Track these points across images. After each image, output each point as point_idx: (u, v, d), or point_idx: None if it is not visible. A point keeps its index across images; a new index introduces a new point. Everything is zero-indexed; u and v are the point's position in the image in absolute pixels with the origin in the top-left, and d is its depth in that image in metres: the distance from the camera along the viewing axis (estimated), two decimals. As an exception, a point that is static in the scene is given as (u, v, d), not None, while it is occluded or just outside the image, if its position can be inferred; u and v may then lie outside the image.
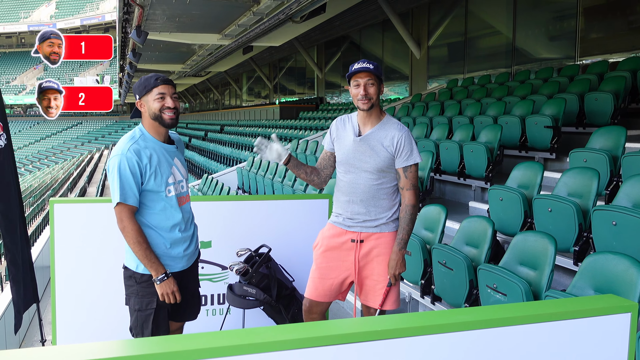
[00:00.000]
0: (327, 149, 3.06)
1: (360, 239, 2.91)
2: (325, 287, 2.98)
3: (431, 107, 9.45)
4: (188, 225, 2.84)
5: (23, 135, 57.32)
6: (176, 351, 1.42)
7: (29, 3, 63.23)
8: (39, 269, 7.40)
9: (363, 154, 2.86)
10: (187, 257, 2.83)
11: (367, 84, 2.81)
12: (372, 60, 2.85)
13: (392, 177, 2.89)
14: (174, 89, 2.72)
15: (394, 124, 2.90)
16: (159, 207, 2.71)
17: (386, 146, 2.84)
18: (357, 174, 2.88)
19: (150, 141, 2.70)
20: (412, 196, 2.87)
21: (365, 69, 2.79)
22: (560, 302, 1.89)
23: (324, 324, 1.79)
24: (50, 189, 25.23)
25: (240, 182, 10.68)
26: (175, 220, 2.75)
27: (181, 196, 2.80)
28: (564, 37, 9.56)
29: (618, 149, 4.65)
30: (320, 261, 3.00)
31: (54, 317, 3.66)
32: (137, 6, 10.82)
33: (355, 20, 16.02)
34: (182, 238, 2.78)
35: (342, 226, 2.95)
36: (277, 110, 21.69)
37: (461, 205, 6.26)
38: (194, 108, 44.93)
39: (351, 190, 2.90)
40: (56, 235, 3.62)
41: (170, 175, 2.73)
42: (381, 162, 2.84)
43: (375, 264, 2.90)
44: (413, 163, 2.86)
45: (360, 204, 2.89)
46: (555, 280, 3.83)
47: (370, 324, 1.72)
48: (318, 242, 3.06)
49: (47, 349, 1.48)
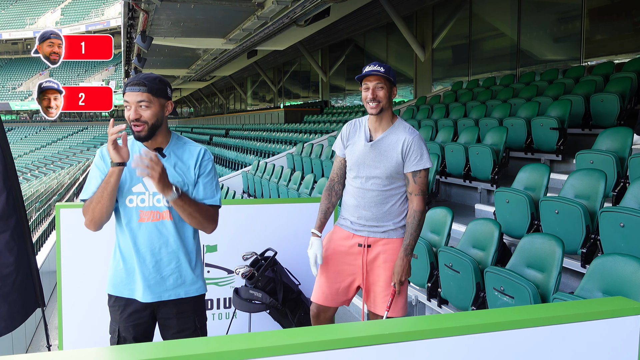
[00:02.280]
0: (340, 154, 3.01)
1: (368, 244, 2.87)
2: (333, 290, 2.94)
3: (436, 110, 9.44)
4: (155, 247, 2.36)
5: (29, 140, 57.56)
6: (183, 355, 1.42)
7: (34, 10, 63.61)
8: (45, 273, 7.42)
9: (374, 160, 2.82)
10: (154, 289, 2.36)
11: (376, 88, 2.76)
12: (383, 63, 2.80)
13: (402, 183, 2.85)
14: (142, 95, 2.25)
15: (405, 127, 2.85)
16: (124, 221, 2.38)
17: (398, 151, 2.79)
18: (367, 179, 2.84)
19: (137, 143, 2.39)
20: (420, 202, 2.82)
21: (374, 72, 2.74)
22: (568, 305, 1.88)
23: (330, 327, 1.79)
24: (56, 194, 25.31)
25: (246, 186, 10.69)
26: (130, 236, 2.35)
27: (151, 210, 2.36)
28: (569, 38, 9.53)
29: (625, 150, 4.63)
30: (328, 265, 2.96)
31: (60, 322, 3.66)
32: (142, 11, 10.87)
33: (360, 24, 16.03)
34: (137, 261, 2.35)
35: (349, 229, 2.92)
36: (281, 114, 21.73)
37: (467, 208, 6.24)
38: (199, 112, 45.05)
39: (360, 195, 2.86)
40: (62, 240, 3.62)
41: (139, 184, 2.35)
42: (391, 168, 2.80)
43: (382, 270, 2.86)
44: (423, 168, 2.81)
45: (369, 209, 2.85)
46: (563, 283, 3.81)
47: (377, 328, 1.71)
48: (324, 245, 3.01)
49: (53, 354, 1.48)
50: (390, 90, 2.79)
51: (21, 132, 59.46)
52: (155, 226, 2.37)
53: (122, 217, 2.39)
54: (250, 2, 10.45)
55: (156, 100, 2.30)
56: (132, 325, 2.42)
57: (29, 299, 3.56)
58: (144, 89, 2.26)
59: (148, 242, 2.37)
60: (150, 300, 2.38)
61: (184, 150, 2.44)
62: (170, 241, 2.39)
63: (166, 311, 2.43)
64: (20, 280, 3.47)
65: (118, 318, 2.43)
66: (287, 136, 16.28)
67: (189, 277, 2.43)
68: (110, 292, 2.45)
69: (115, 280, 2.43)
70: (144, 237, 2.37)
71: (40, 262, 7.13)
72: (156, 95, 2.30)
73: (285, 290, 3.70)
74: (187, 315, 2.45)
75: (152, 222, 2.37)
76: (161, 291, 2.39)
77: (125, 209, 2.36)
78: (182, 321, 2.44)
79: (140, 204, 2.36)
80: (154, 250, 2.37)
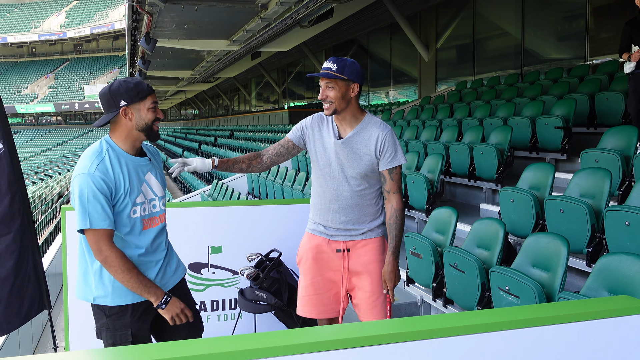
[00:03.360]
0: (292, 138, 2.78)
1: (347, 248, 2.73)
2: (324, 301, 2.80)
3: (440, 110, 9.43)
4: (157, 249, 2.50)
5: (35, 143, 57.86)
6: (188, 356, 1.42)
7: (39, 13, 63.92)
8: (51, 275, 7.45)
9: (345, 159, 2.65)
10: (160, 284, 2.48)
11: (326, 88, 2.58)
12: (343, 58, 2.60)
13: (376, 181, 2.71)
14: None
15: (376, 123, 2.68)
16: (125, 231, 2.38)
17: (370, 148, 2.63)
18: (339, 179, 2.67)
19: (121, 154, 2.38)
20: (399, 199, 2.67)
21: (321, 74, 2.56)
22: (574, 304, 1.87)
23: (335, 327, 1.79)
24: (62, 197, 25.42)
25: (250, 187, 10.70)
26: (137, 244, 2.42)
27: (151, 217, 2.47)
28: (574, 37, 9.51)
29: (630, 148, 4.61)
30: (310, 275, 2.80)
31: (66, 323, 3.68)
32: (146, 14, 10.88)
33: (363, 24, 16.02)
34: (145, 265, 2.43)
35: (324, 235, 2.76)
36: (286, 115, 21.75)
37: (472, 208, 6.22)
38: (204, 114, 45.11)
39: (332, 198, 2.70)
40: (68, 242, 3.64)
41: (140, 194, 2.41)
42: (365, 167, 2.65)
43: (366, 274, 2.73)
44: (398, 164, 2.66)
45: (343, 211, 2.70)
46: (569, 282, 3.80)
47: (382, 328, 1.71)
48: (302, 256, 2.85)
49: (59, 355, 1.48)
50: (346, 88, 2.57)
51: (27, 135, 59.79)
52: (154, 230, 2.50)
53: (122, 228, 2.39)
54: (253, 4, 10.45)
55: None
56: (145, 322, 2.48)
57: (29, 303, 3.54)
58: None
59: (153, 245, 2.47)
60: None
61: (149, 151, 2.57)
62: (163, 238, 2.56)
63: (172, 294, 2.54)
64: (20, 284, 3.44)
65: (129, 322, 2.44)
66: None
67: (175, 261, 2.64)
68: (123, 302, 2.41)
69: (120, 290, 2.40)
70: (149, 241, 2.46)
71: (46, 265, 7.17)
72: None
73: (290, 291, 3.70)
74: (184, 299, 2.57)
75: (152, 227, 2.49)
76: (164, 282, 2.52)
77: (130, 220, 2.40)
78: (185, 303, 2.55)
79: (143, 212, 2.44)
80: (156, 250, 2.50)
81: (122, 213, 2.36)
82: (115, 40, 61.46)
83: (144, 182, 2.43)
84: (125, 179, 2.35)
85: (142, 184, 2.42)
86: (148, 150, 2.56)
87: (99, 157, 2.33)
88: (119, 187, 2.33)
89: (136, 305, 2.43)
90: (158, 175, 2.53)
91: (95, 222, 2.26)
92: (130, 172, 2.38)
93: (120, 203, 2.34)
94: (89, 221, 2.26)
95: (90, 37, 60.96)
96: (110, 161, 2.33)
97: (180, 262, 2.68)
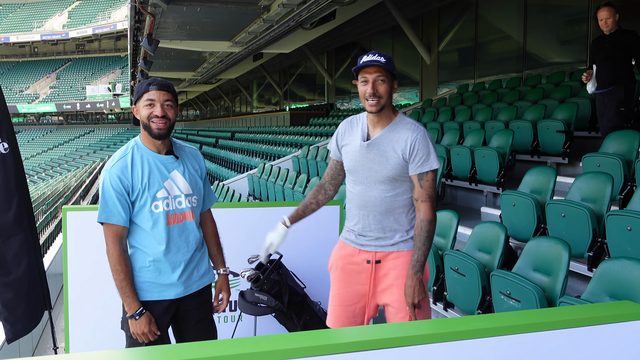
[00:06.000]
0: (334, 157, 2.68)
1: (377, 259, 2.56)
2: (348, 314, 2.63)
3: (442, 113, 9.43)
4: (182, 247, 2.52)
5: (36, 143, 57.89)
6: (189, 359, 1.42)
7: (41, 13, 64.00)
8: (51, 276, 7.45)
9: (372, 162, 2.48)
10: (185, 284, 2.53)
11: (377, 81, 2.40)
12: (384, 53, 2.44)
13: (409, 186, 2.51)
14: (169, 95, 2.44)
15: (407, 123, 2.49)
16: (149, 225, 2.45)
17: (398, 151, 2.45)
18: (368, 184, 2.51)
19: (145, 152, 2.48)
20: (428, 209, 2.45)
21: (374, 63, 2.36)
22: (575, 309, 1.87)
23: (336, 331, 1.78)
24: (62, 197, 25.42)
25: (251, 188, 10.69)
26: (159, 240, 2.46)
27: (175, 213, 2.50)
28: (575, 41, 9.50)
29: (632, 153, 4.60)
30: (338, 286, 2.66)
31: (66, 324, 3.67)
32: (148, 15, 10.89)
33: (365, 27, 16.03)
34: (169, 262, 2.48)
35: (355, 244, 2.61)
36: (287, 116, 21.72)
37: (473, 211, 6.22)
38: (205, 115, 45.13)
39: (362, 204, 2.54)
40: (69, 242, 3.63)
41: (161, 189, 2.46)
42: (393, 170, 2.46)
43: (395, 288, 2.53)
44: (430, 169, 2.45)
45: (373, 219, 2.52)
46: (570, 287, 3.79)
47: (383, 332, 1.71)
48: (332, 264, 2.72)
49: (59, 357, 1.48)
50: (391, 85, 2.44)
51: (28, 135, 59.81)
52: (180, 227, 2.52)
53: (146, 223, 2.47)
54: (256, 5, 10.47)
55: (175, 103, 2.51)
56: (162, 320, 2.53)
57: (40, 301, 3.59)
58: (168, 90, 2.45)
59: (178, 242, 2.51)
60: (181, 295, 2.54)
61: (184, 152, 2.62)
62: (191, 238, 2.56)
63: (190, 302, 2.58)
64: (35, 281, 3.53)
65: None
66: (293, 139, 16.28)
67: (205, 267, 2.66)
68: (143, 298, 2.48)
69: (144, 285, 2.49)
70: (173, 238, 2.50)
71: (46, 265, 7.16)
72: (175, 99, 2.51)
73: (290, 293, 3.70)
74: (207, 305, 2.67)
75: (178, 223, 2.51)
76: (189, 284, 2.56)
77: (152, 215, 2.46)
78: (202, 311, 2.64)
79: (166, 208, 2.48)
80: (182, 248, 2.52)
81: (144, 207, 2.45)
82: (117, 40, 61.53)
83: (168, 178, 2.50)
84: (144, 175, 2.44)
85: (166, 180, 2.49)
86: (183, 150, 2.62)
87: (121, 155, 2.47)
88: (136, 183, 2.43)
89: (157, 302, 2.50)
90: (187, 174, 2.56)
91: (100, 216, 2.42)
92: (152, 168, 2.47)
93: (140, 198, 2.44)
94: (103, 215, 2.42)
95: (92, 38, 61.02)
96: (132, 158, 2.45)
97: (210, 269, 2.72)
